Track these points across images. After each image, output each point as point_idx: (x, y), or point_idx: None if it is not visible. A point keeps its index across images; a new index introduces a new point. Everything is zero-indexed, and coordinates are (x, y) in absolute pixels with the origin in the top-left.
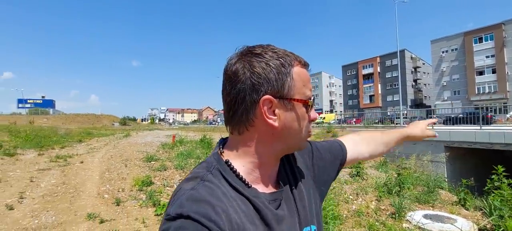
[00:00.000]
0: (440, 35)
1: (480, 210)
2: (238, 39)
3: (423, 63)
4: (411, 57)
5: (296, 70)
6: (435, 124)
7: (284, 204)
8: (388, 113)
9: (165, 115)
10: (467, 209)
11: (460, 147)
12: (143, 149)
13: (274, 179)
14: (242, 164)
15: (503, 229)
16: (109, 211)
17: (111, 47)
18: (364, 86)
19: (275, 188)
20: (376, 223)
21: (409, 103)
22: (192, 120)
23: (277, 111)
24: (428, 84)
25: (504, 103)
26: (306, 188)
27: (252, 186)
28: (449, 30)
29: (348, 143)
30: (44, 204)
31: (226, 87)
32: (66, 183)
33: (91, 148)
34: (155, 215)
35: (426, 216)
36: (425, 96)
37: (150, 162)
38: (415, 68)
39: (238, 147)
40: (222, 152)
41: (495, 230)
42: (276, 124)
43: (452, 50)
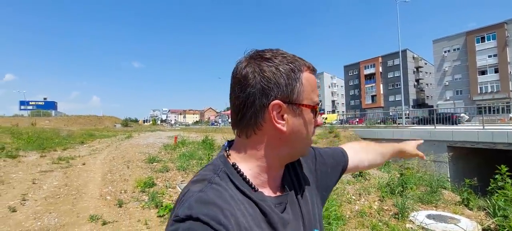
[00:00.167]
0: (442, 35)
1: (484, 210)
2: (240, 40)
3: (425, 63)
4: (413, 57)
5: (305, 76)
6: (421, 144)
7: (289, 208)
8: (390, 114)
9: (167, 116)
10: (471, 209)
11: (463, 147)
12: (145, 150)
13: (279, 183)
14: (249, 167)
15: (508, 229)
16: (111, 213)
17: (112, 48)
18: (366, 86)
19: (280, 192)
20: (379, 223)
21: (411, 103)
22: (194, 120)
23: (285, 116)
24: (430, 84)
25: (507, 103)
26: (310, 193)
27: (259, 189)
28: (451, 30)
29: (349, 150)
30: (46, 206)
31: (235, 90)
32: (68, 184)
33: (93, 150)
34: (157, 216)
35: (429, 216)
36: (427, 96)
37: (152, 163)
38: (417, 68)
39: (245, 150)
40: (229, 155)
41: (499, 230)
42: (284, 128)
43: (454, 50)
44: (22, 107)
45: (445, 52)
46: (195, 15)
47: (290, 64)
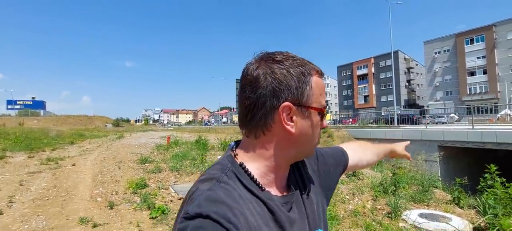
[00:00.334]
0: (432, 36)
1: (474, 208)
2: (234, 40)
3: (416, 64)
4: (405, 58)
5: (314, 79)
6: (409, 145)
7: (295, 207)
8: (383, 114)
9: (159, 116)
10: (461, 208)
11: (453, 147)
12: (137, 150)
13: (285, 183)
14: (256, 166)
15: (498, 228)
16: (102, 215)
17: (104, 47)
18: (359, 86)
19: (286, 192)
20: (373, 222)
21: (402, 103)
22: (187, 120)
23: (294, 118)
24: (421, 84)
25: (495, 104)
26: (314, 193)
27: (266, 189)
28: (441, 32)
29: (348, 150)
30: (34, 208)
31: (245, 91)
32: (57, 186)
33: (83, 150)
34: (150, 218)
35: (421, 215)
36: (418, 97)
37: (144, 164)
38: (409, 69)
39: (254, 150)
40: (236, 155)
41: (489, 228)
42: (293, 130)
43: (444, 51)
44: (9, 106)
45: (435, 53)
46: (190, 15)
47: (301, 67)
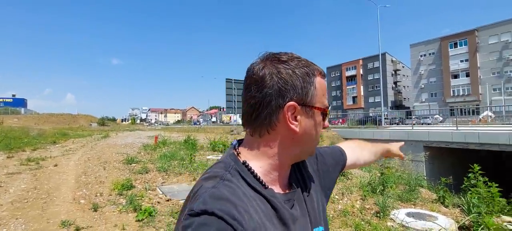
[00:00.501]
0: (418, 39)
1: (458, 207)
2: (224, 39)
3: (403, 66)
4: (392, 60)
5: (318, 80)
6: (403, 145)
7: (297, 205)
8: (370, 115)
9: (147, 115)
10: (446, 206)
11: (438, 147)
12: (123, 150)
13: (286, 181)
14: (260, 165)
15: (483, 226)
16: (85, 218)
17: (89, 44)
18: (348, 87)
19: (288, 190)
20: (362, 222)
21: (389, 104)
22: (176, 120)
23: (299, 117)
24: (407, 86)
25: (476, 105)
26: (314, 191)
27: (269, 186)
28: (427, 35)
29: (347, 149)
30: (13, 211)
31: (251, 90)
32: (38, 188)
33: (67, 150)
34: (136, 220)
35: (408, 214)
36: (404, 98)
37: (130, 164)
38: (395, 71)
39: (258, 148)
40: (239, 153)
41: (473, 226)
42: (297, 129)
43: (429, 54)
44: None
45: (421, 56)
46: (179, 12)
47: (305, 68)
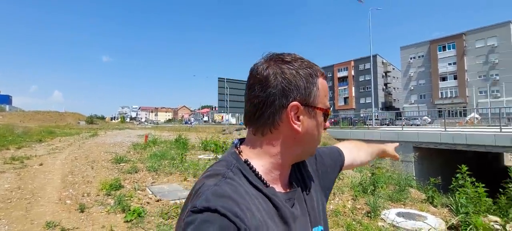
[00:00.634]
0: (408, 42)
1: (447, 206)
2: (216, 37)
3: (393, 68)
4: (383, 62)
5: (320, 81)
6: (398, 146)
7: (297, 204)
8: (361, 115)
9: (137, 114)
10: (435, 206)
11: (427, 148)
12: (112, 149)
13: (287, 180)
14: (261, 164)
15: (472, 226)
16: (71, 219)
17: (79, 40)
18: (339, 88)
19: (288, 189)
20: (353, 222)
21: (380, 105)
22: (167, 119)
23: (301, 117)
24: (397, 88)
25: (463, 107)
26: (314, 191)
27: (270, 185)
28: (417, 38)
29: (344, 149)
30: None
31: (255, 89)
32: (22, 187)
33: (53, 149)
34: (124, 221)
35: (399, 214)
36: (394, 100)
37: (119, 163)
38: (386, 73)
39: (260, 147)
40: (240, 152)
41: (461, 225)
42: (300, 129)
43: (419, 56)
44: None
45: (411, 58)
46: (171, 10)
47: (309, 68)
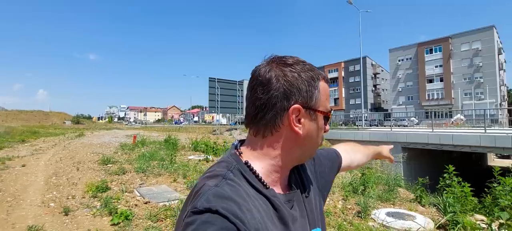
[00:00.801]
0: (397, 44)
1: (435, 206)
2: (208, 36)
3: (382, 70)
4: (372, 64)
5: (322, 85)
6: (392, 148)
7: (296, 205)
8: (351, 116)
9: (125, 113)
10: (423, 206)
11: (415, 148)
12: (98, 150)
13: (286, 182)
14: (262, 165)
15: (461, 225)
16: (55, 222)
17: (64, 37)
18: (330, 89)
19: (288, 190)
20: (344, 222)
21: (369, 107)
22: (156, 119)
23: (302, 120)
24: (386, 89)
25: (449, 109)
26: (312, 192)
27: (270, 187)
28: (405, 40)
29: (342, 151)
30: None
31: (257, 91)
32: (3, 190)
33: (36, 149)
34: (111, 224)
35: (388, 213)
36: (383, 101)
37: (106, 164)
38: (375, 75)
39: (261, 149)
40: (241, 153)
41: (449, 224)
42: (300, 131)
43: (407, 59)
44: None
45: (399, 61)
46: (161, 6)
47: (310, 72)
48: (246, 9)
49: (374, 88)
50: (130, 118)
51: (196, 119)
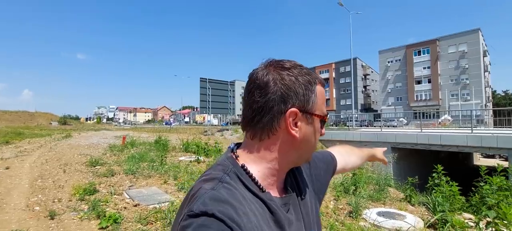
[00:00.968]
0: (386, 46)
1: (424, 205)
2: (199, 36)
3: (372, 71)
4: (362, 65)
5: (318, 88)
6: (386, 151)
7: (292, 209)
8: (342, 117)
9: (114, 114)
10: (413, 205)
11: (404, 148)
12: (86, 151)
13: (282, 185)
14: (258, 169)
15: (450, 224)
16: (40, 227)
17: (52, 36)
18: None
19: (284, 194)
20: (336, 222)
21: (359, 107)
22: (146, 119)
23: (299, 123)
24: (376, 90)
25: (437, 110)
26: (308, 195)
27: (266, 190)
28: (394, 42)
29: (337, 154)
30: None
31: (254, 94)
32: None
33: (21, 151)
34: (99, 228)
35: (379, 213)
36: (373, 102)
37: (94, 166)
38: (365, 76)
39: (257, 152)
40: (237, 156)
41: (438, 223)
42: (297, 135)
43: (396, 60)
44: None
45: (388, 62)
46: (152, 6)
47: (307, 76)
48: (236, 10)
49: (364, 89)
50: (119, 119)
51: (187, 119)
